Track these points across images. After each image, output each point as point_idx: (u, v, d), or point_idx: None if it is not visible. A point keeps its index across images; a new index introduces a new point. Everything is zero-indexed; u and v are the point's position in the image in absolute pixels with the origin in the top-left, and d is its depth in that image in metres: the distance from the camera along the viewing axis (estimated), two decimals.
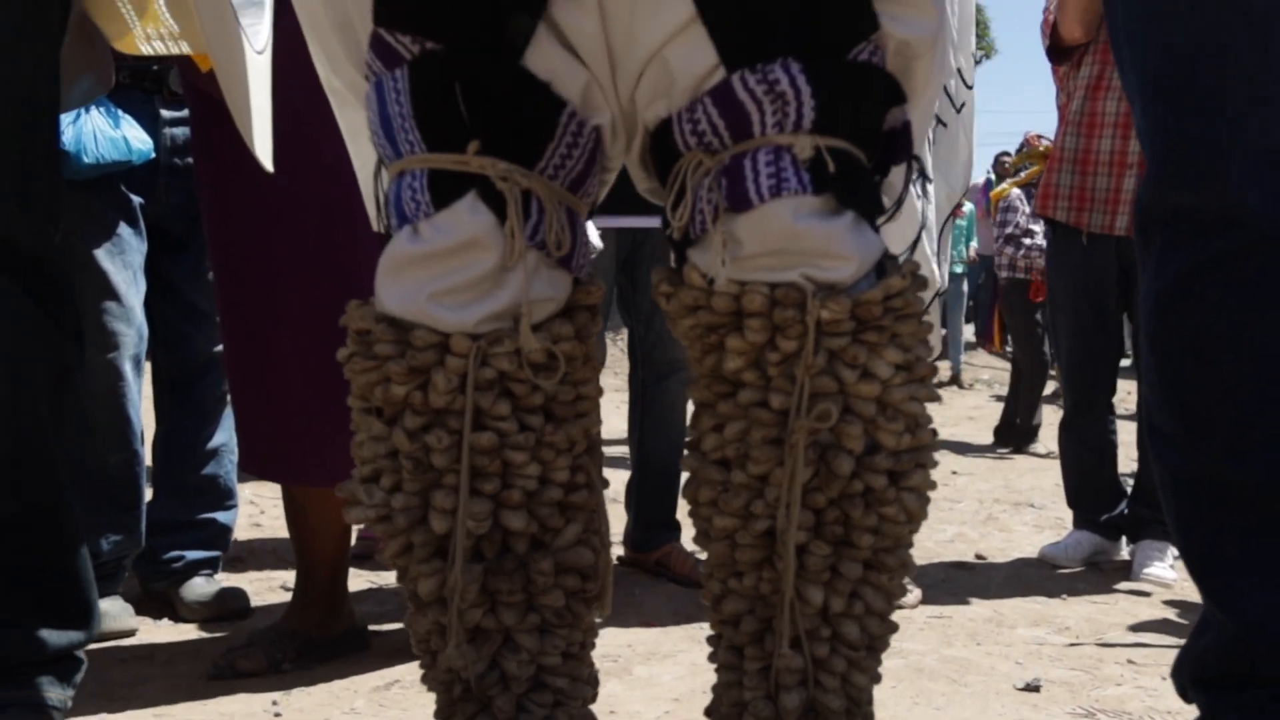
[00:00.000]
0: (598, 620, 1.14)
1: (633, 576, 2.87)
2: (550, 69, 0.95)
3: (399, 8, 0.93)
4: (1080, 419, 3.36)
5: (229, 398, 2.44)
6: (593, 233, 1.43)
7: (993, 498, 4.81)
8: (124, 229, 2.29)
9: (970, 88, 2.58)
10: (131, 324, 2.29)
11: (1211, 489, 1.10)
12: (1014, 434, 6.53)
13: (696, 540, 1.10)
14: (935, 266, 2.49)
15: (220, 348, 2.42)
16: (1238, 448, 1.08)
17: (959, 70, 2.53)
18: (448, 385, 0.97)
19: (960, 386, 10.07)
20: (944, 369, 10.61)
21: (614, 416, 5.75)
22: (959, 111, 2.54)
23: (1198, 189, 1.03)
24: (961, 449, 6.56)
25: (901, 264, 1.01)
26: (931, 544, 3.61)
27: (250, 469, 2.04)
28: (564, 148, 0.98)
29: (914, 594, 2.68)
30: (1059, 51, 3.20)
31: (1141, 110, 1.08)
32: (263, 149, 1.24)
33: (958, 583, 3.05)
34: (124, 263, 2.28)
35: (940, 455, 4.49)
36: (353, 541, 2.29)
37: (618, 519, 3.18)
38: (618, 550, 3.03)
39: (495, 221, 0.96)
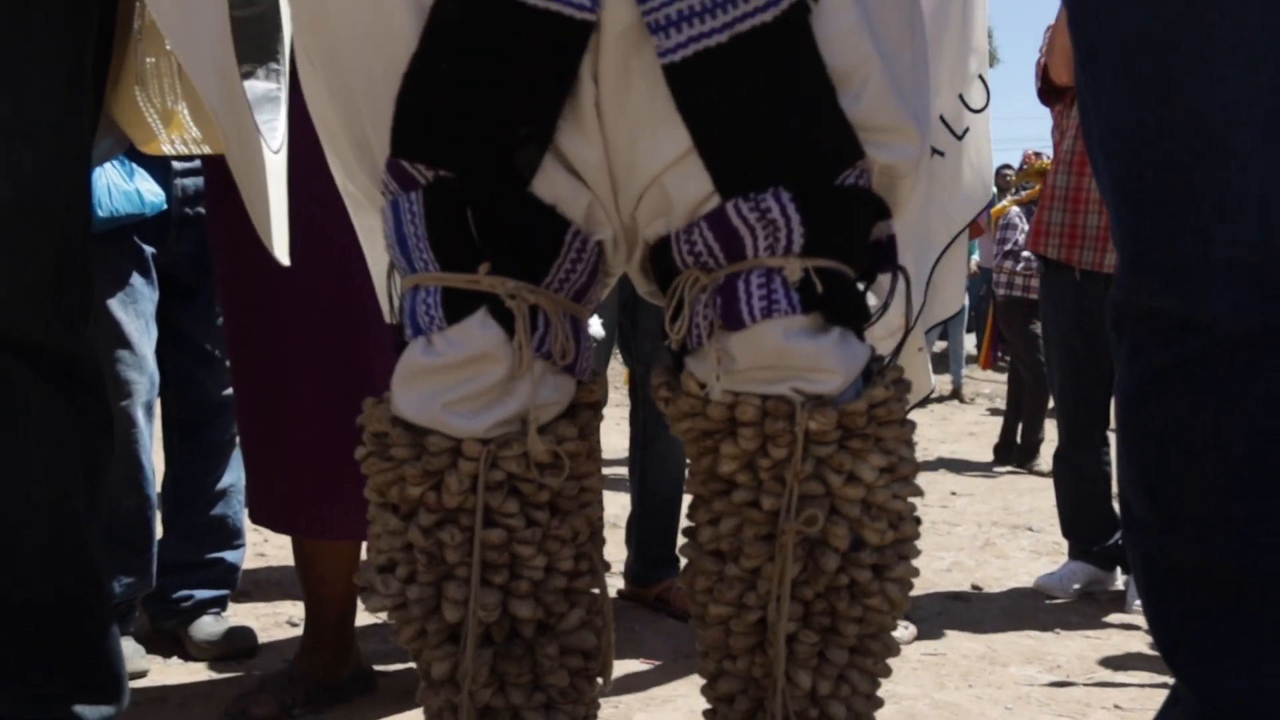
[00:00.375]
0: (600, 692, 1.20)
1: (633, 612, 2.93)
2: (556, 193, 1.01)
3: (415, 141, 1.00)
4: (1074, 450, 3.42)
5: (238, 440, 2.52)
6: (595, 324, 1.50)
7: (991, 520, 4.87)
8: (136, 279, 2.35)
9: (979, 110, 2.46)
10: (144, 372, 2.35)
11: (1181, 572, 1.16)
12: (1014, 452, 6.58)
13: (693, 623, 1.16)
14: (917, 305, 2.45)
15: (228, 391, 2.50)
16: (1205, 534, 1.13)
17: (961, 96, 2.43)
18: (460, 487, 1.03)
19: (961, 401, 10.11)
20: (945, 383, 10.66)
21: (613, 434, 5.81)
22: (961, 138, 2.44)
23: (1167, 294, 1.09)
24: (960, 467, 6.61)
25: (885, 369, 1.07)
26: (929, 573, 3.66)
27: (261, 521, 2.10)
28: (568, 263, 1.04)
29: (909, 630, 2.73)
30: (1051, 92, 3.27)
31: (1114, 213, 1.14)
32: (279, 245, 1.30)
33: (953, 615, 3.10)
34: (136, 312, 2.35)
35: (939, 475, 4.58)
36: None
37: (616, 544, 3.24)
38: (618, 583, 3.10)
39: (504, 336, 1.02)
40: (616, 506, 3.96)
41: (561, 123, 0.99)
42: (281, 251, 1.30)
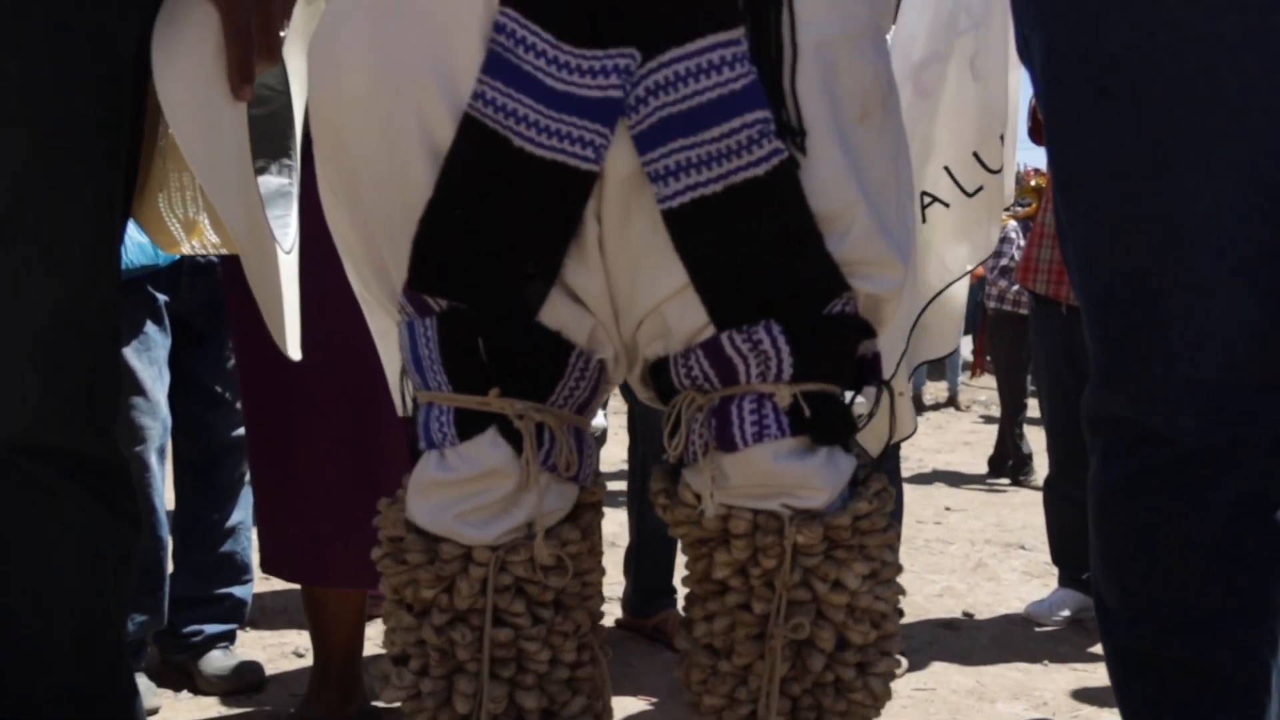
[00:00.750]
0: None
1: (630, 645, 3.00)
2: (561, 320, 1.08)
3: (431, 277, 1.06)
4: (1064, 479, 3.49)
5: (247, 479, 2.59)
6: (598, 417, 1.57)
7: (984, 538, 4.94)
8: (150, 327, 2.42)
9: (995, 172, 2.38)
10: (157, 418, 2.42)
11: (1149, 662, 1.23)
12: (1009, 468, 6.65)
13: (688, 710, 1.23)
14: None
15: (238, 432, 2.57)
16: (1173, 628, 1.21)
17: (977, 154, 2.37)
18: (471, 590, 1.10)
19: (957, 409, 10.18)
20: (941, 390, 10.74)
21: (611, 444, 5.86)
22: (972, 195, 2.38)
23: (1137, 409, 1.16)
24: (955, 479, 6.68)
25: (869, 478, 1.14)
26: (921, 598, 3.73)
27: (273, 571, 2.17)
28: (573, 381, 1.11)
29: (900, 664, 2.79)
30: (1041, 133, 3.33)
31: (1087, 324, 1.21)
32: (292, 344, 1.37)
33: (943, 645, 3.18)
34: (150, 359, 2.42)
35: (935, 489, 4.62)
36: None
37: (614, 563, 3.30)
38: (615, 613, 3.17)
39: (513, 453, 1.09)
40: (614, 524, 4.03)
41: (567, 259, 1.06)
42: (294, 349, 1.37)
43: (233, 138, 1.19)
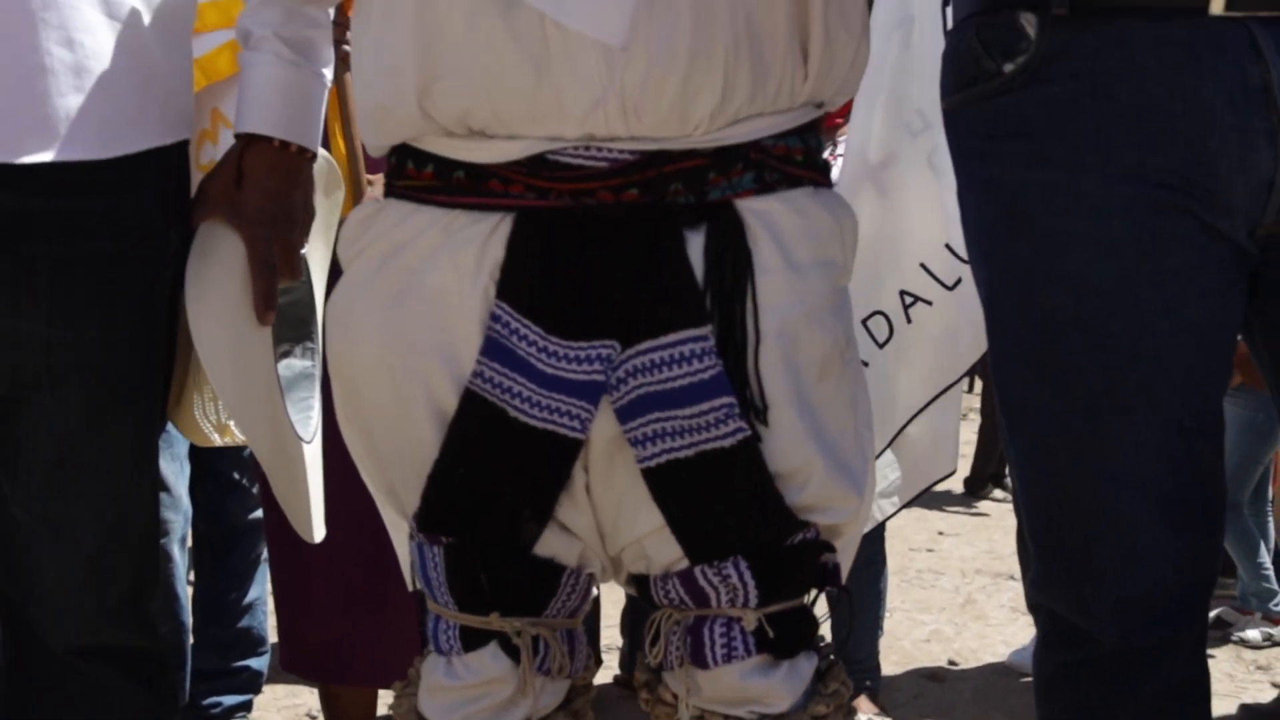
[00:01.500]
0: None
1: (627, 703, 3.13)
2: (553, 549, 1.22)
3: (438, 522, 1.20)
4: None
5: (264, 557, 2.74)
6: None
7: (975, 568, 5.06)
8: (172, 425, 2.56)
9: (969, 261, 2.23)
10: (179, 510, 2.56)
11: None
12: (991, 476, 6.68)
13: None
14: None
15: (255, 514, 2.72)
16: None
17: (949, 246, 2.34)
18: None
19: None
20: None
21: None
22: (952, 288, 2.36)
23: (1070, 614, 1.29)
24: (950, 499, 6.77)
25: (829, 674, 1.27)
26: (909, 644, 3.87)
27: (290, 670, 2.32)
28: (565, 596, 1.25)
29: None
30: None
31: (1027, 531, 1.35)
32: (317, 529, 1.50)
33: (927, 699, 3.31)
34: (172, 455, 2.55)
35: (929, 509, 4.66)
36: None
37: (611, 621, 3.43)
38: (612, 669, 3.31)
39: (512, 664, 1.23)
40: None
41: (558, 503, 1.19)
42: (318, 534, 1.50)
43: (260, 363, 1.33)
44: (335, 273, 1.34)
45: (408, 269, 1.16)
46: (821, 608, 1.31)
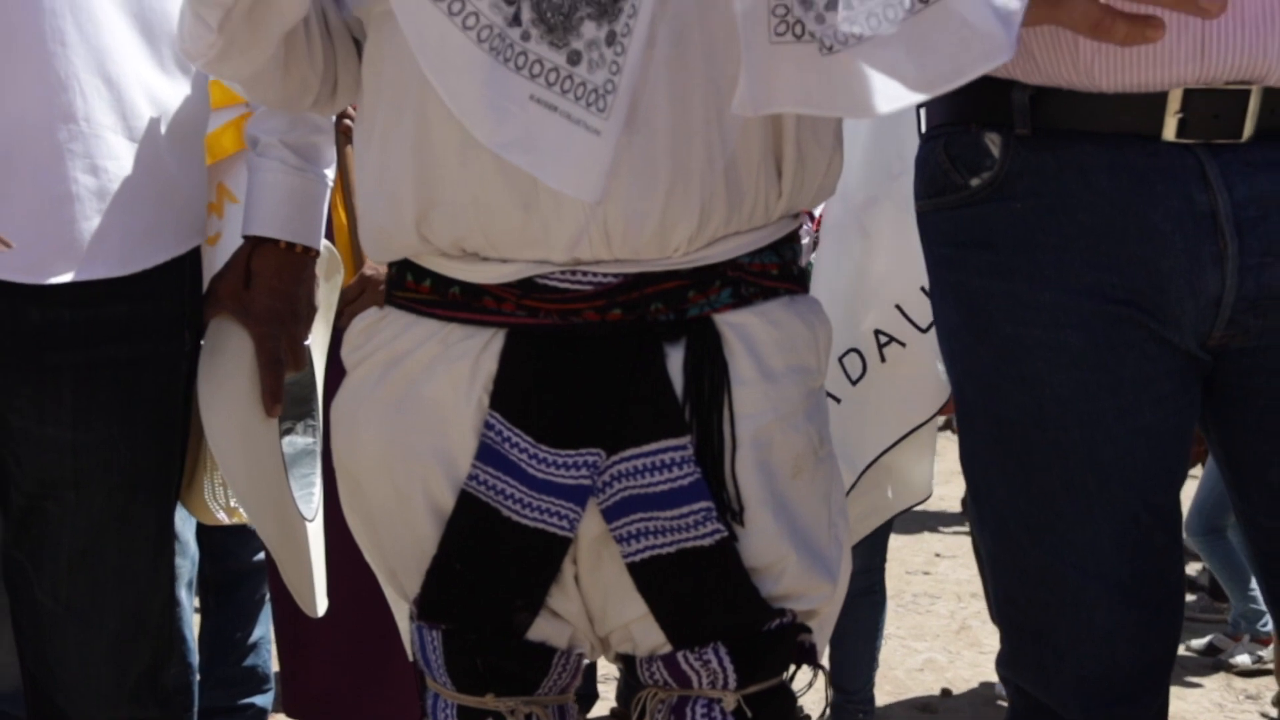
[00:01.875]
0: None
1: None
2: (545, 634, 1.29)
3: (436, 612, 1.27)
4: None
5: (269, 597, 2.81)
6: None
7: (970, 591, 5.11)
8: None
9: None
10: (186, 555, 2.63)
11: None
12: None
13: None
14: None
15: (259, 556, 2.79)
16: None
17: (924, 288, 2.32)
18: None
19: (954, 432, 10.29)
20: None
21: None
22: (925, 331, 2.38)
23: (1034, 689, 1.36)
24: (948, 520, 6.80)
25: None
26: (902, 673, 3.94)
27: (295, 714, 2.39)
28: (556, 674, 1.31)
29: None
30: None
31: (995, 609, 1.41)
32: (320, 603, 1.58)
33: None
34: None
35: (924, 536, 4.66)
36: None
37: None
38: (610, 702, 3.37)
39: None
40: None
41: (548, 594, 1.26)
42: (320, 608, 1.58)
43: (268, 454, 1.40)
44: (336, 343, 1.41)
45: (408, 379, 1.24)
46: (802, 679, 1.38)
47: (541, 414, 1.20)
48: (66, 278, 1.24)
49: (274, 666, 2.93)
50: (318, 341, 1.66)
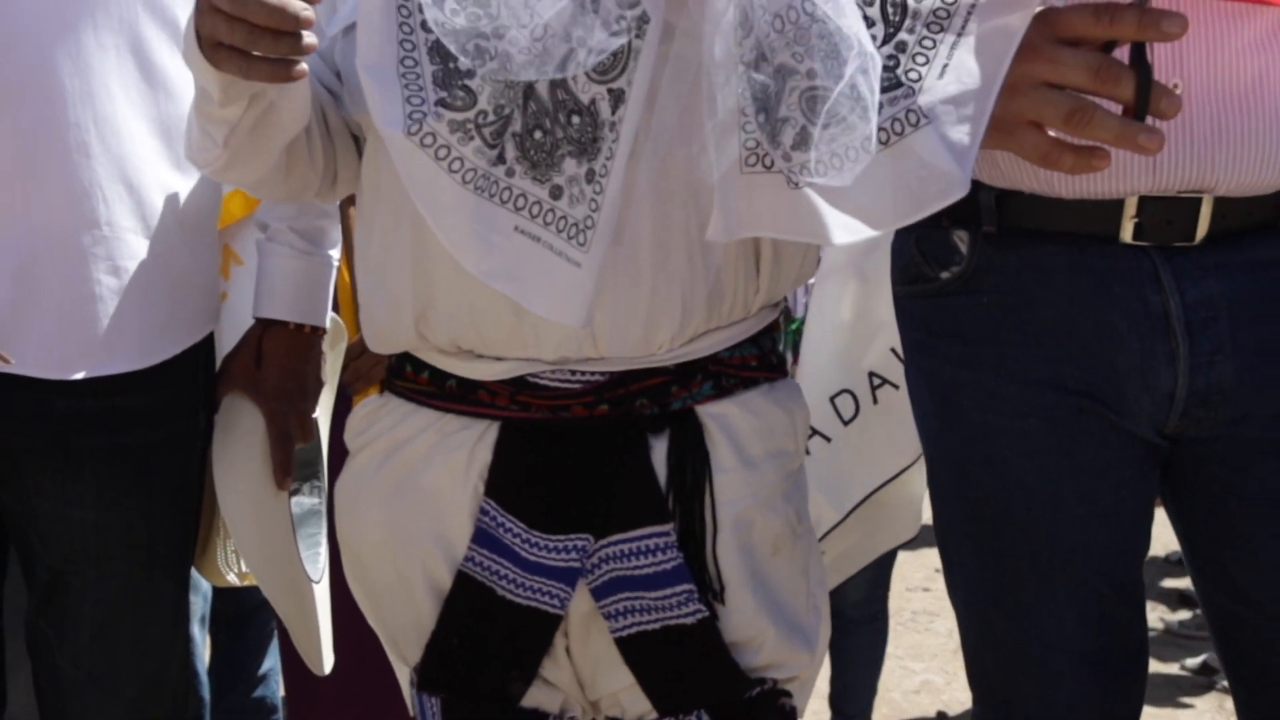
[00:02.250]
0: None
1: None
2: (538, 701, 1.36)
3: (434, 684, 1.35)
4: None
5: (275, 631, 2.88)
6: None
7: None
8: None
9: None
10: (199, 591, 2.71)
11: None
12: None
13: None
14: None
15: None
16: None
17: None
18: None
19: None
20: None
21: None
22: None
23: None
24: None
25: None
26: (899, 695, 4.00)
27: None
28: None
29: None
30: None
31: (967, 674, 1.49)
32: (327, 661, 1.65)
33: None
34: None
35: (925, 551, 4.64)
36: None
37: None
38: None
39: None
40: None
41: (541, 665, 1.34)
42: (327, 666, 1.65)
43: (278, 525, 1.48)
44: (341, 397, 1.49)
45: (407, 467, 1.32)
46: None
47: (533, 502, 1.28)
48: (89, 373, 1.32)
49: (281, 692, 3.02)
50: (323, 405, 1.74)
